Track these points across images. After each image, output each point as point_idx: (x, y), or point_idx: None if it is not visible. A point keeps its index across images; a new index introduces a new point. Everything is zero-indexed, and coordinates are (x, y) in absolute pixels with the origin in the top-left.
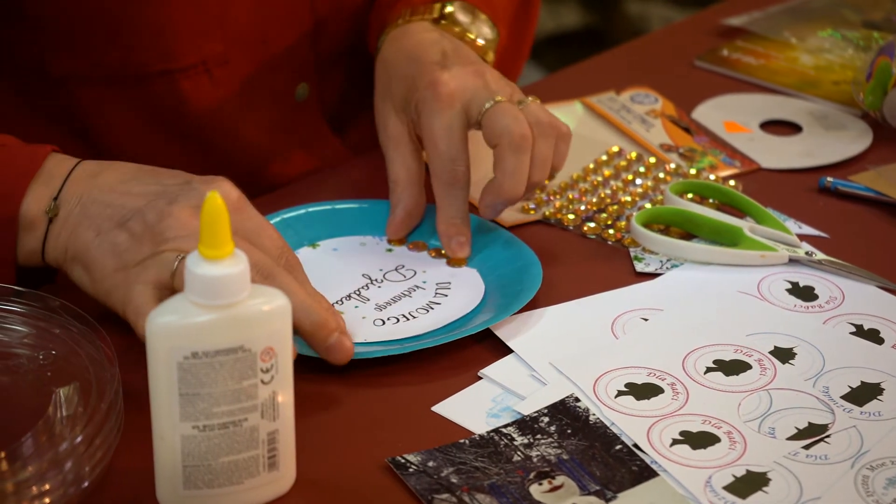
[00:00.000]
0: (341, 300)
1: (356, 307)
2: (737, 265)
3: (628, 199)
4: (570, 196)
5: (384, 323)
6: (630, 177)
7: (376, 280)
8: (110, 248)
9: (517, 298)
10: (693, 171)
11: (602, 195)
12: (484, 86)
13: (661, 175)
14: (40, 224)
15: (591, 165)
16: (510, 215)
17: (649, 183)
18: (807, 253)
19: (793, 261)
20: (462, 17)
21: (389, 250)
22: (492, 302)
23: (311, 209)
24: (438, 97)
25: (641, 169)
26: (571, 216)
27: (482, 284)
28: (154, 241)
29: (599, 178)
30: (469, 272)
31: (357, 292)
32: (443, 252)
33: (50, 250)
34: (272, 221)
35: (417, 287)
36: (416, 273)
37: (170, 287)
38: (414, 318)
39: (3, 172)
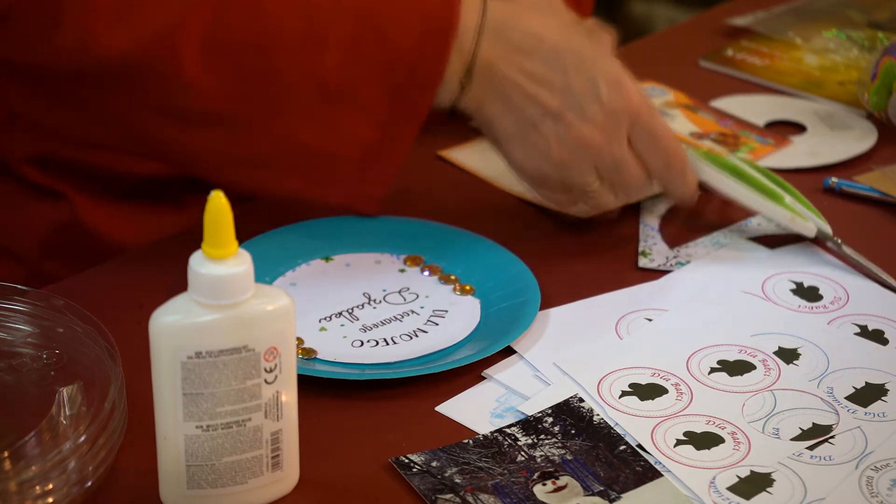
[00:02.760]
0: (330, 317)
1: (342, 325)
2: (767, 216)
3: None
4: None
5: (363, 345)
6: None
7: (375, 300)
8: (521, 143)
9: (499, 340)
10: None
11: None
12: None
13: None
14: (454, 87)
15: None
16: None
17: None
18: (836, 240)
19: (818, 239)
20: None
21: (402, 270)
22: (482, 334)
23: (333, 221)
24: None
25: None
26: None
27: (478, 317)
28: (566, 161)
29: None
30: (471, 302)
31: (349, 311)
32: (452, 278)
33: (461, 106)
34: (291, 231)
35: (412, 312)
36: (417, 297)
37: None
38: (395, 343)
39: (426, 40)
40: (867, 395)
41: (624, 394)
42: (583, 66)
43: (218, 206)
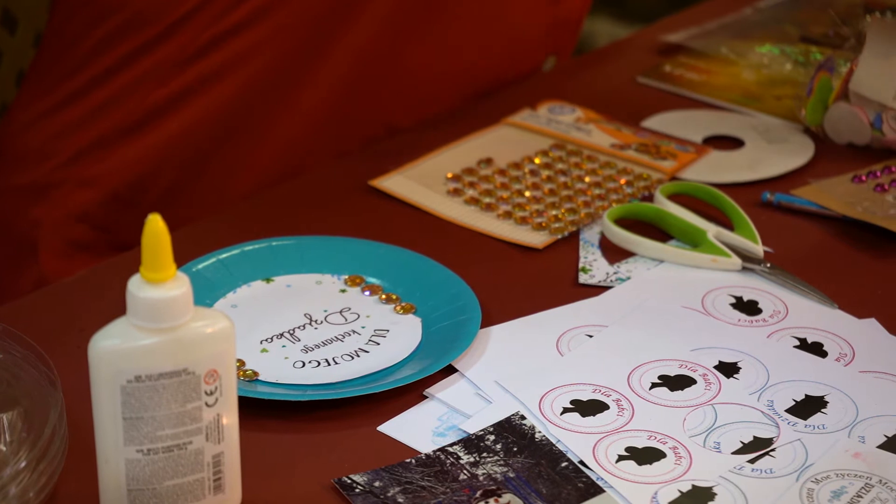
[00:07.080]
0: (271, 338)
1: (283, 346)
2: (687, 265)
3: (599, 192)
4: (579, 202)
5: (304, 366)
6: (611, 174)
7: (316, 321)
8: None
9: (440, 359)
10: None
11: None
12: None
13: (627, 176)
14: None
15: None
16: (536, 237)
17: (623, 180)
18: (765, 265)
19: (746, 269)
20: None
21: (343, 291)
22: (424, 353)
23: (273, 243)
24: None
25: (619, 170)
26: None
27: (419, 336)
28: None
29: (581, 186)
30: (412, 321)
31: (291, 332)
32: (393, 297)
33: None
34: (231, 253)
35: (353, 332)
36: (358, 317)
37: None
38: (336, 364)
39: None
40: (807, 407)
41: (565, 410)
42: None
43: (155, 229)
